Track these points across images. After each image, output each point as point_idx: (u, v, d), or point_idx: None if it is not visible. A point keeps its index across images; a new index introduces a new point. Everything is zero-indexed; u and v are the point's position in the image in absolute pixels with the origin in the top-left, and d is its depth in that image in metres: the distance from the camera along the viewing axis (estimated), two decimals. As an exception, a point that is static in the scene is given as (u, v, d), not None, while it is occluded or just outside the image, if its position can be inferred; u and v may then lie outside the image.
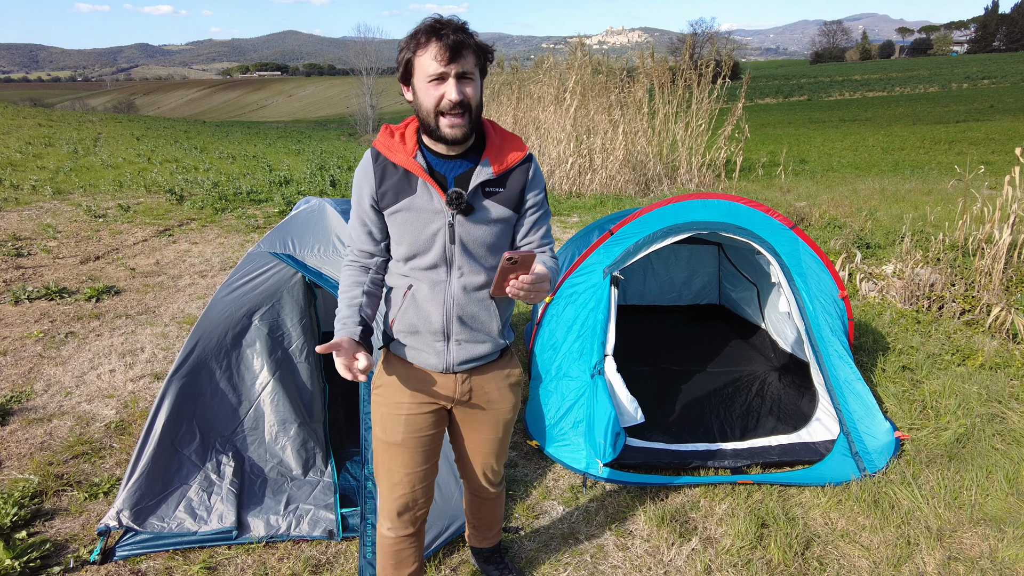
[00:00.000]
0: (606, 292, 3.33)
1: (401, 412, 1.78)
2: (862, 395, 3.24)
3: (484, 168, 1.64)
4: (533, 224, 1.76)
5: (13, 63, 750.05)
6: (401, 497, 1.84)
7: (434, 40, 1.50)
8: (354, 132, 38.02)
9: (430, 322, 1.70)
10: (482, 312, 1.73)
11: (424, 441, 1.81)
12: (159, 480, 2.56)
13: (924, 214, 7.93)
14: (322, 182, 12.33)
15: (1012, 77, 47.50)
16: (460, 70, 1.52)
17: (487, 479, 2.02)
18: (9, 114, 29.51)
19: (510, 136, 1.73)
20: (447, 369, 1.76)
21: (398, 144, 1.66)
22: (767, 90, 51.47)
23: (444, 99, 1.53)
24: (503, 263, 1.45)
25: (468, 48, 1.52)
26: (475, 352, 1.76)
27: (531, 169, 1.72)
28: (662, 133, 12.38)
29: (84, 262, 6.62)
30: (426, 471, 1.85)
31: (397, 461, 1.81)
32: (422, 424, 1.79)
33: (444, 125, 1.56)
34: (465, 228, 1.65)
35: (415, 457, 1.81)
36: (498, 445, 1.94)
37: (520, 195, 1.71)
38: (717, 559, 2.52)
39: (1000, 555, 2.50)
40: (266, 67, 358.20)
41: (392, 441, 1.79)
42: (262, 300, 2.82)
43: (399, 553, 1.93)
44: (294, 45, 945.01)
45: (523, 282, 1.47)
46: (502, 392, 1.86)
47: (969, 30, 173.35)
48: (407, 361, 1.78)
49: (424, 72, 1.53)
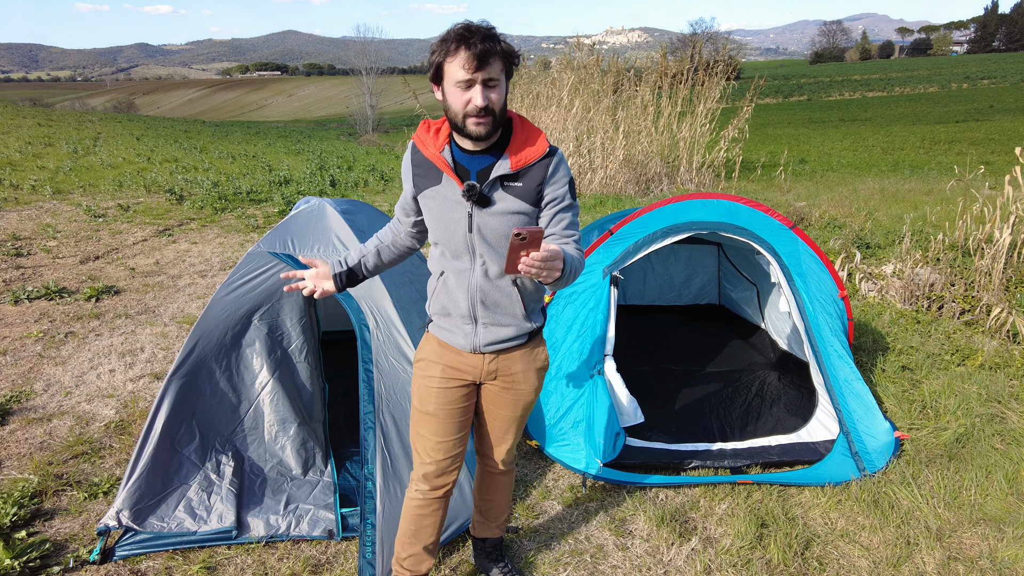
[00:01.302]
0: (606, 292, 3.33)
1: (433, 385, 1.93)
2: (862, 395, 3.24)
3: (503, 163, 1.75)
4: (553, 216, 1.82)
5: (13, 63, 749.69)
6: (432, 463, 1.98)
7: (463, 48, 1.59)
8: (354, 132, 38.01)
9: (459, 306, 1.86)
10: (504, 298, 1.85)
11: (455, 413, 1.95)
12: (159, 480, 2.56)
13: (924, 214, 7.93)
14: (322, 182, 12.33)
15: (1012, 77, 47.51)
16: (486, 76, 1.62)
17: (501, 457, 2.12)
18: (9, 114, 29.51)
19: (535, 132, 1.82)
20: (475, 349, 1.90)
21: (431, 139, 1.81)
22: (767, 90, 51.46)
23: (471, 104, 1.64)
24: (512, 239, 1.48)
25: (495, 55, 1.62)
26: (501, 335, 1.88)
27: (551, 164, 1.79)
28: (664, 133, 12.38)
29: (84, 262, 6.62)
30: (456, 441, 1.98)
31: (429, 428, 1.96)
32: (452, 397, 1.94)
33: (470, 124, 1.68)
34: (482, 218, 1.76)
35: (445, 426, 1.95)
36: (516, 423, 2.06)
37: (538, 189, 1.78)
38: (717, 559, 2.52)
39: (1000, 555, 2.50)
40: (266, 67, 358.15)
41: (425, 411, 1.95)
42: (262, 300, 2.82)
43: (421, 519, 2.05)
44: (294, 45, 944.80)
45: (533, 259, 1.50)
46: (527, 374, 1.97)
47: (969, 30, 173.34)
48: (441, 340, 1.94)
49: (453, 77, 1.64)
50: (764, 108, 36.84)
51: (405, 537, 2.09)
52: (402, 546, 2.11)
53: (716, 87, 12.13)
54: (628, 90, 12.38)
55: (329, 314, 4.31)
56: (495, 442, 2.09)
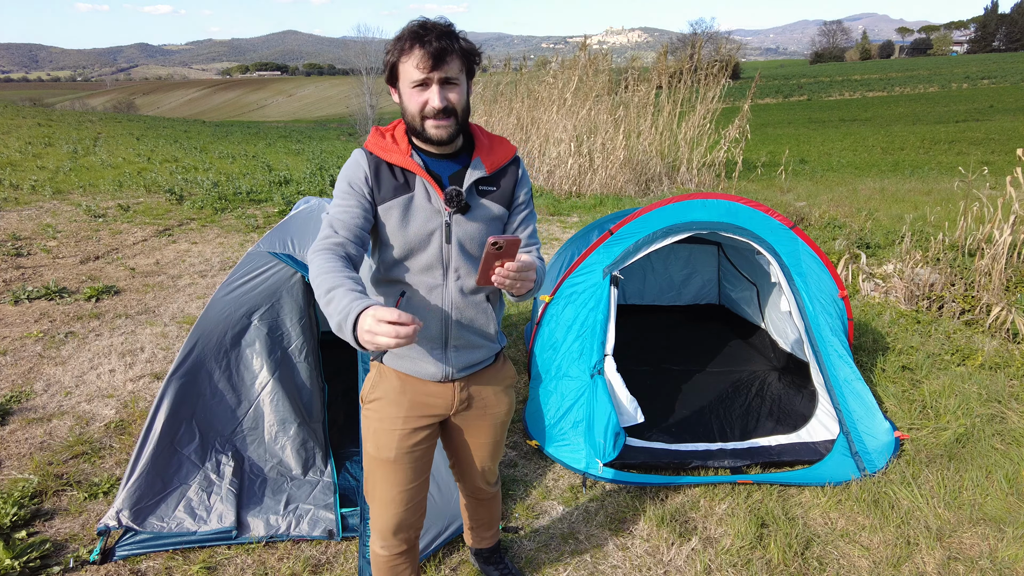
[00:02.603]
0: (606, 292, 3.33)
1: (396, 428, 1.73)
2: (862, 395, 3.24)
3: (477, 167, 1.65)
4: (521, 222, 1.76)
5: (13, 63, 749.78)
6: (395, 516, 1.79)
7: (417, 47, 1.49)
8: (354, 132, 38.00)
9: (428, 328, 1.66)
10: (480, 315, 1.71)
11: (418, 455, 1.77)
12: (159, 480, 2.56)
13: (924, 214, 7.93)
14: (322, 182, 12.33)
15: (1012, 77, 47.50)
16: (443, 76, 1.52)
17: (484, 480, 2.02)
18: (9, 114, 29.51)
19: (498, 138, 1.74)
20: (446, 377, 1.73)
21: (391, 144, 1.64)
22: (767, 90, 51.47)
23: (428, 105, 1.53)
24: (488, 248, 1.41)
25: (452, 53, 1.51)
26: (473, 358, 1.75)
27: (520, 169, 1.75)
28: (664, 133, 12.38)
29: (84, 262, 6.62)
30: (419, 486, 1.81)
31: (390, 479, 1.76)
32: (417, 440, 1.75)
33: (429, 127, 1.56)
34: (462, 227, 1.63)
35: (407, 474, 1.76)
36: (494, 448, 1.94)
37: (512, 193, 1.72)
38: (717, 559, 2.52)
39: (1000, 555, 2.50)
40: (266, 67, 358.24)
41: (385, 458, 1.74)
42: (261, 300, 2.82)
43: (394, 569, 1.91)
44: (294, 45, 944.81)
45: (508, 270, 1.44)
46: (498, 396, 1.85)
47: (969, 30, 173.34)
48: (402, 373, 1.73)
49: (408, 78, 1.53)
50: (764, 108, 36.84)
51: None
52: None
53: (716, 86, 12.14)
54: (628, 90, 12.39)
55: (329, 314, 4.31)
56: (477, 471, 1.97)
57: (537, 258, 1.71)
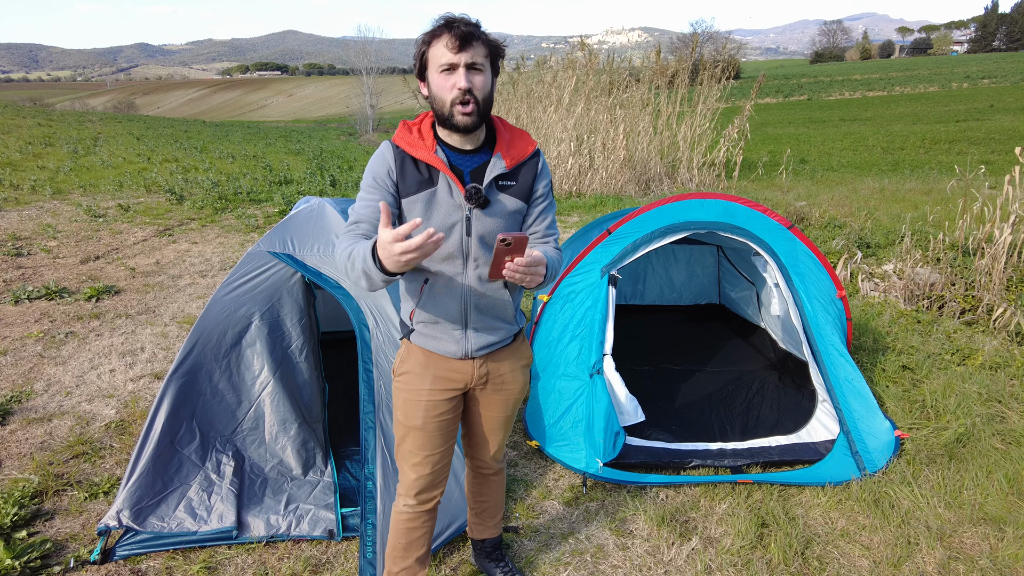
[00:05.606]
0: (604, 291, 3.33)
1: (421, 398, 1.87)
2: (862, 394, 3.24)
3: (498, 162, 1.73)
4: (539, 214, 1.85)
5: (13, 63, 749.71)
6: (421, 478, 1.95)
7: (445, 32, 1.59)
8: (354, 132, 37.99)
9: (449, 312, 1.80)
10: (498, 300, 1.82)
11: (443, 425, 1.91)
12: (159, 480, 2.56)
13: (924, 214, 7.93)
14: (322, 182, 12.33)
15: (1012, 77, 47.47)
16: (470, 60, 1.60)
17: (492, 455, 2.12)
18: (9, 114, 29.49)
19: (519, 131, 1.83)
20: (465, 355, 1.86)
21: (417, 139, 1.73)
22: (767, 90, 51.42)
23: (455, 89, 1.60)
24: (497, 245, 1.49)
25: (478, 40, 1.60)
26: (491, 339, 1.87)
27: (540, 162, 1.82)
28: (664, 132, 12.38)
29: (84, 262, 6.62)
30: (443, 452, 1.95)
31: (417, 443, 1.91)
32: (440, 409, 1.89)
33: (457, 113, 1.63)
34: (481, 221, 1.73)
35: (433, 439, 1.91)
36: (506, 423, 2.05)
37: (531, 187, 1.80)
38: (717, 559, 2.52)
39: (1000, 555, 2.50)
40: (266, 67, 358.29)
41: (412, 425, 1.89)
42: (262, 300, 2.82)
43: (411, 532, 2.02)
44: (294, 45, 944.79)
45: (518, 264, 1.52)
46: (515, 374, 1.97)
47: (969, 30, 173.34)
48: (426, 351, 1.87)
49: (436, 62, 1.62)
50: (764, 108, 36.82)
51: (396, 551, 2.05)
52: (393, 560, 2.06)
53: (716, 86, 12.13)
54: (627, 89, 12.38)
55: (329, 314, 4.31)
56: (486, 443, 2.08)
57: (555, 248, 1.83)
